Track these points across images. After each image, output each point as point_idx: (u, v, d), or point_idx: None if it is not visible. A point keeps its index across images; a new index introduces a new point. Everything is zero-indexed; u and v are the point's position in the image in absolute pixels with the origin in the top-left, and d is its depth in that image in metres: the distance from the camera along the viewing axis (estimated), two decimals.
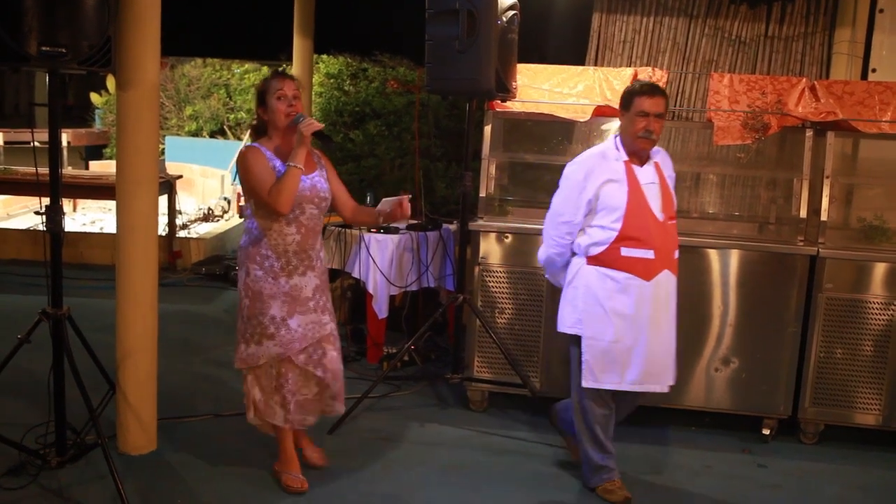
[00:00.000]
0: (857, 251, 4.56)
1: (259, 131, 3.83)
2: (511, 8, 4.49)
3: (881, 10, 6.09)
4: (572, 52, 6.82)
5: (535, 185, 5.61)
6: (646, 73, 4.82)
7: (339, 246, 5.74)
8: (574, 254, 3.86)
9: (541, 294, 4.72)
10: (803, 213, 4.67)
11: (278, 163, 3.66)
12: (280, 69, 3.90)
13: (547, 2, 7.44)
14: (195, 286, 7.50)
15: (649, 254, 3.69)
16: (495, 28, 4.33)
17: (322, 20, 7.66)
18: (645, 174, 3.77)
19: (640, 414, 4.77)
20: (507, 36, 4.48)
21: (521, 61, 4.73)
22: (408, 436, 4.53)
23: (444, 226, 5.80)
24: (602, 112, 4.80)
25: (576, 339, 3.81)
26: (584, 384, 3.77)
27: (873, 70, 6.10)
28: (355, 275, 5.58)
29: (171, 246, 8.06)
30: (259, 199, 3.65)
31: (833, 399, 4.60)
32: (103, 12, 3.48)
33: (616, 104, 4.70)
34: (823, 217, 4.61)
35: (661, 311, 3.76)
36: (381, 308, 5.50)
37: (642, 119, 3.71)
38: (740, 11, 6.54)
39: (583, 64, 6.60)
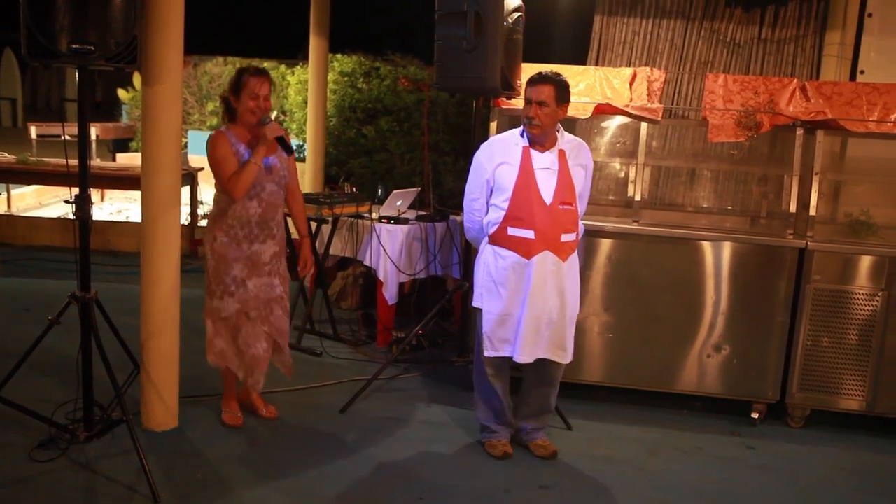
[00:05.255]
0: (843, 244, 4.54)
1: (230, 113, 4.03)
2: (517, 10, 4.47)
3: (870, 15, 6.06)
4: (575, 52, 6.80)
5: None
6: (644, 73, 4.80)
7: (351, 235, 5.74)
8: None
9: None
10: (793, 208, 4.65)
11: (242, 147, 3.96)
12: (257, 66, 4.06)
13: (551, 4, 7.41)
14: None
15: (530, 234, 3.73)
16: (501, 29, 4.31)
17: (337, 21, 7.65)
18: (543, 160, 3.77)
19: (633, 397, 4.79)
20: (513, 36, 4.46)
21: (525, 61, 4.72)
22: (415, 415, 4.54)
23: (452, 217, 5.80)
24: (602, 110, 4.78)
25: (477, 313, 3.95)
26: (485, 353, 3.88)
27: (861, 72, 6.07)
28: (367, 263, 5.59)
29: (192, 235, 8.06)
30: (219, 182, 3.94)
31: (819, 385, 4.59)
32: (130, 12, 3.48)
33: (616, 102, 4.73)
34: (812, 212, 4.59)
35: (542, 289, 3.75)
36: (391, 294, 5.51)
37: (527, 106, 3.74)
38: (735, 15, 6.52)
39: (584, 64, 6.59)
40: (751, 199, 5.64)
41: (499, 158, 3.81)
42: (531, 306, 3.76)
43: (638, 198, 4.87)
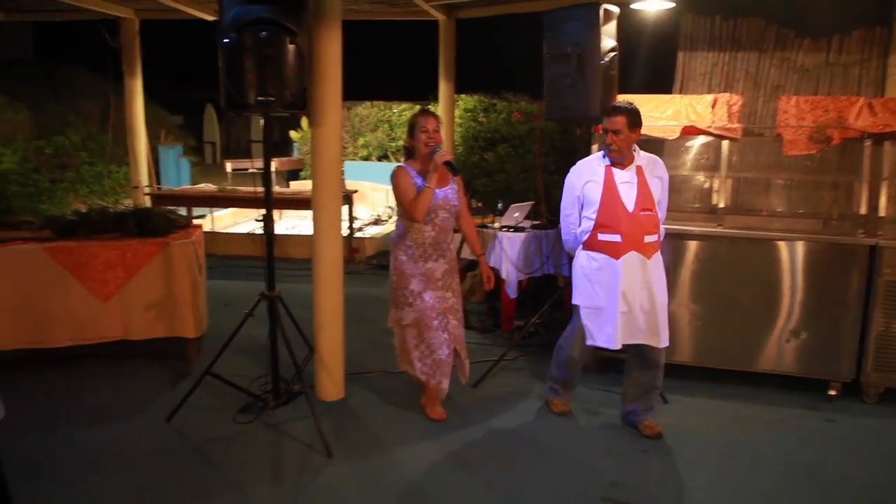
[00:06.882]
0: None
1: (408, 153, 3.96)
2: (612, 50, 4.34)
3: None
4: (661, 83, 6.56)
5: None
6: (724, 98, 4.57)
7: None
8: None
9: None
10: (863, 210, 4.32)
11: (419, 179, 3.82)
12: (426, 108, 3.97)
13: (640, 44, 7.19)
14: (369, 274, 7.67)
15: (617, 237, 3.63)
16: (599, 67, 4.20)
17: (460, 67, 7.68)
18: (623, 175, 3.68)
19: (720, 375, 4.57)
20: (609, 73, 4.34)
21: (620, 92, 4.57)
22: (533, 390, 4.48)
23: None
24: (688, 131, 4.58)
25: (576, 308, 3.82)
26: (587, 342, 3.78)
27: None
28: (492, 264, 5.54)
29: (350, 244, 8.27)
30: (402, 207, 3.84)
31: (893, 365, 4.23)
32: (301, 69, 3.60)
33: (699, 124, 4.51)
34: (881, 213, 4.26)
35: (631, 284, 3.63)
36: (511, 290, 5.46)
37: (605, 134, 3.68)
38: (804, 44, 6.11)
39: (670, 93, 6.34)
40: (822, 204, 5.27)
41: (586, 177, 3.75)
42: (622, 299, 3.63)
43: (721, 205, 4.65)
